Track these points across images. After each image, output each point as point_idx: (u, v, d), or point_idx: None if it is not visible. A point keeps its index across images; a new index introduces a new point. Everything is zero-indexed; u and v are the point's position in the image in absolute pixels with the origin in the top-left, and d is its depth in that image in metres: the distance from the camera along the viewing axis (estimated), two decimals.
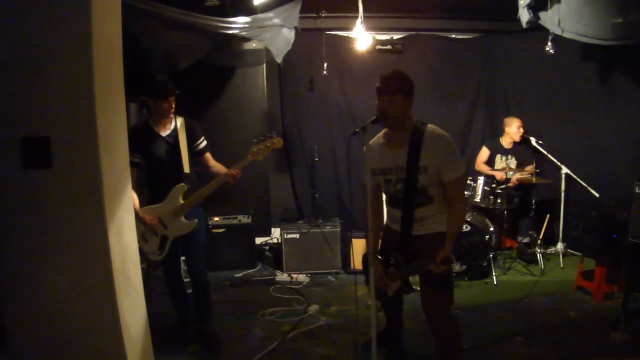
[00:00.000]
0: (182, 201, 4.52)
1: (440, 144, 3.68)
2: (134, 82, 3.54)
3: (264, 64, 7.72)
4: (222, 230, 7.13)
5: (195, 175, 4.71)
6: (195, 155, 4.72)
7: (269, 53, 6.81)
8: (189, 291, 4.97)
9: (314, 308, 5.69)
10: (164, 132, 4.60)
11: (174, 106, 4.56)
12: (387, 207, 4.13)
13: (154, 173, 4.67)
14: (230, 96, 7.84)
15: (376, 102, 3.69)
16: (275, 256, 7.55)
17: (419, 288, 4.03)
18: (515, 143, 7.46)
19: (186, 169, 4.57)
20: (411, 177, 3.70)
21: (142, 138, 4.54)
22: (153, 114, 4.61)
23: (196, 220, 4.59)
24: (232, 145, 4.81)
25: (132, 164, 4.48)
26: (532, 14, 6.03)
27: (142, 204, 4.67)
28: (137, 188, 4.53)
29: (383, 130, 3.96)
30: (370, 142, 3.87)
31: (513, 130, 7.38)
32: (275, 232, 8.05)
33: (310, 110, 8.22)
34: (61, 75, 2.80)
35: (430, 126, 3.78)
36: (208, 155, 4.78)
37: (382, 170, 3.87)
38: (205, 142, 4.77)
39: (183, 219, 4.55)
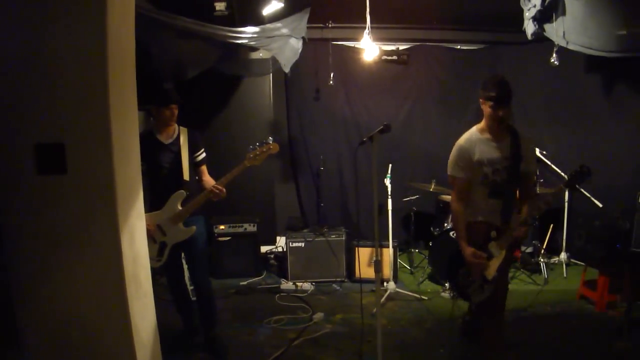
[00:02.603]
0: (180, 208, 4.55)
1: (530, 141, 4.17)
2: (143, 90, 3.58)
3: (271, 74, 7.78)
4: (228, 238, 7.17)
5: (194, 183, 4.74)
6: (193, 165, 4.75)
7: (275, 62, 6.87)
8: (194, 298, 5.01)
9: (319, 316, 5.72)
10: (167, 140, 4.65)
11: (176, 113, 4.61)
12: (480, 200, 4.15)
13: (156, 180, 4.69)
14: (237, 105, 7.91)
15: (489, 111, 3.96)
16: (280, 264, 7.60)
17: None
18: None
19: (186, 176, 4.61)
20: (515, 165, 4.00)
21: (145, 146, 4.51)
22: (156, 122, 4.66)
23: (194, 227, 4.61)
24: (237, 154, 4.83)
25: None
26: (537, 26, 6.07)
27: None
28: None
29: (476, 127, 4.24)
30: (464, 139, 4.20)
31: None
32: (281, 241, 8.08)
33: (316, 119, 8.27)
34: (76, 82, 2.83)
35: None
36: (204, 168, 4.81)
37: (489, 160, 4.04)
38: (204, 155, 4.80)
39: (181, 225, 4.59)
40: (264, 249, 7.87)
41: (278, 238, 8.24)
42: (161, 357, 3.60)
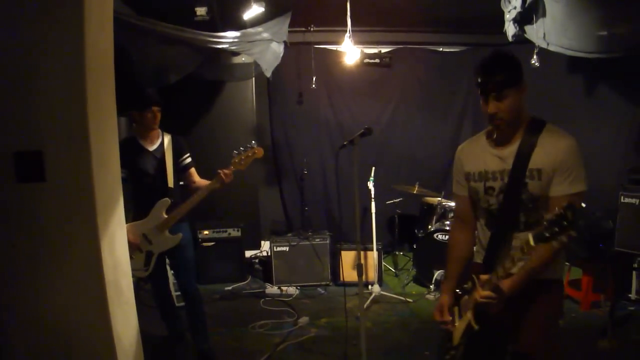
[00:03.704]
0: (165, 216, 4.48)
1: (560, 143, 2.60)
2: (123, 97, 3.55)
3: (253, 78, 7.78)
4: (212, 243, 7.14)
5: (178, 190, 4.69)
6: (180, 170, 4.69)
7: (257, 67, 6.87)
8: (180, 304, 4.96)
9: (304, 320, 5.70)
10: (151, 147, 4.57)
11: (158, 117, 4.53)
12: (480, 232, 3.01)
13: (140, 188, 4.60)
14: (219, 110, 7.90)
15: (480, 103, 2.77)
16: (264, 269, 7.57)
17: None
18: None
19: (170, 183, 4.55)
20: (515, 184, 2.67)
21: (128, 152, 4.45)
22: (139, 127, 4.58)
23: (180, 234, 4.53)
24: (220, 159, 4.80)
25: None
26: (517, 28, 6.12)
27: (127, 219, 4.65)
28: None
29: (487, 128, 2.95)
30: (465, 143, 3.12)
31: None
32: (265, 245, 8.06)
33: (299, 123, 8.27)
34: (54, 89, 2.81)
35: (551, 125, 2.73)
36: (193, 170, 4.76)
37: (481, 174, 2.85)
38: (190, 159, 4.75)
39: (167, 233, 4.50)
40: (248, 253, 7.85)
41: (262, 242, 8.22)
42: None
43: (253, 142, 4.60)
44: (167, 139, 4.65)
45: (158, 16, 5.67)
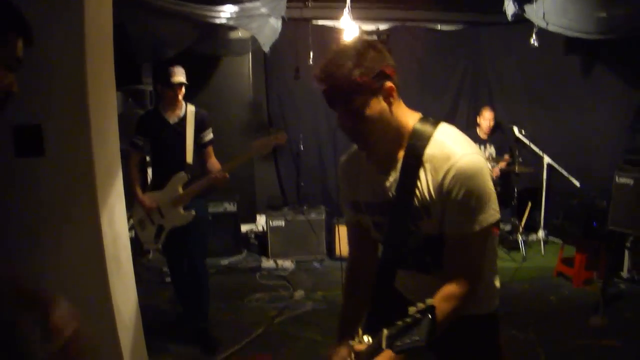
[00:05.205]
0: (181, 191, 4.44)
1: (447, 164, 1.86)
2: (120, 71, 3.54)
3: (250, 53, 7.73)
4: (208, 218, 7.16)
5: (198, 167, 4.62)
6: (200, 147, 4.64)
7: (254, 42, 6.81)
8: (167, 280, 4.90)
9: (299, 294, 5.76)
10: (172, 119, 4.54)
11: (180, 94, 4.49)
12: None
13: (158, 159, 4.66)
14: (216, 85, 7.85)
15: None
16: (260, 243, 7.61)
17: None
18: (491, 133, 7.55)
19: (189, 159, 4.50)
20: (400, 224, 2.03)
21: (149, 123, 4.53)
22: (162, 100, 4.59)
23: (193, 212, 4.47)
24: (216, 134, 4.80)
25: (135, 146, 4.51)
26: (517, 7, 6.08)
27: (146, 189, 4.64)
28: (140, 172, 4.56)
29: None
30: (346, 157, 2.29)
31: (483, 121, 7.48)
32: (261, 220, 8.08)
33: (296, 99, 8.23)
34: (53, 63, 2.82)
35: (439, 134, 1.97)
36: (210, 149, 4.69)
37: (367, 205, 2.17)
38: (211, 136, 4.69)
39: (181, 210, 4.45)
40: (244, 228, 7.88)
41: (258, 217, 8.23)
42: (144, 338, 3.62)
43: (275, 126, 4.52)
44: (190, 111, 4.61)
45: None
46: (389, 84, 1.91)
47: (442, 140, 1.92)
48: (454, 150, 1.87)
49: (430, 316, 1.50)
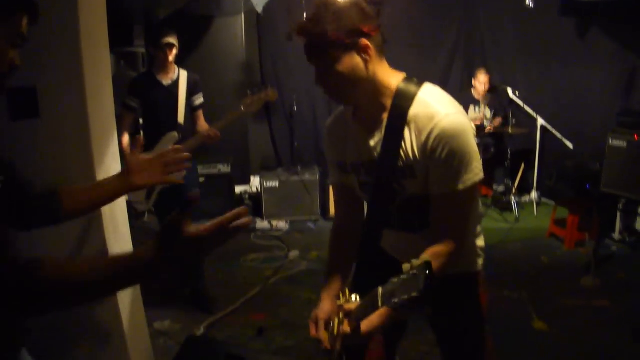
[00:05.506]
0: None
1: (431, 123, 1.86)
2: (112, 33, 3.50)
3: (242, 14, 7.63)
4: (202, 179, 7.15)
5: (190, 127, 4.65)
6: (192, 110, 4.67)
7: (247, 2, 6.74)
8: None
9: (294, 254, 5.81)
10: (166, 81, 4.55)
11: (171, 55, 4.46)
12: None
13: (151, 120, 4.67)
14: (208, 46, 7.75)
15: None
16: (255, 204, 7.63)
17: None
18: (486, 93, 7.52)
19: (180, 119, 4.53)
20: (384, 185, 2.06)
21: (143, 85, 4.55)
22: (155, 62, 4.59)
23: (184, 172, 4.35)
24: (209, 95, 4.78)
25: (129, 108, 4.53)
26: None
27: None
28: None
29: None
30: (332, 118, 2.33)
31: (479, 85, 7.45)
32: (255, 181, 8.09)
33: (289, 60, 8.16)
34: (47, 24, 2.78)
35: (423, 94, 1.95)
36: (200, 113, 4.72)
37: (353, 165, 2.18)
38: (202, 100, 4.72)
39: None
40: (238, 189, 7.90)
41: (252, 178, 8.24)
42: (142, 300, 3.64)
43: (267, 83, 4.53)
44: (183, 75, 4.62)
45: None
46: (364, 41, 1.91)
47: (426, 100, 1.93)
48: (437, 110, 1.88)
49: (427, 272, 1.47)
